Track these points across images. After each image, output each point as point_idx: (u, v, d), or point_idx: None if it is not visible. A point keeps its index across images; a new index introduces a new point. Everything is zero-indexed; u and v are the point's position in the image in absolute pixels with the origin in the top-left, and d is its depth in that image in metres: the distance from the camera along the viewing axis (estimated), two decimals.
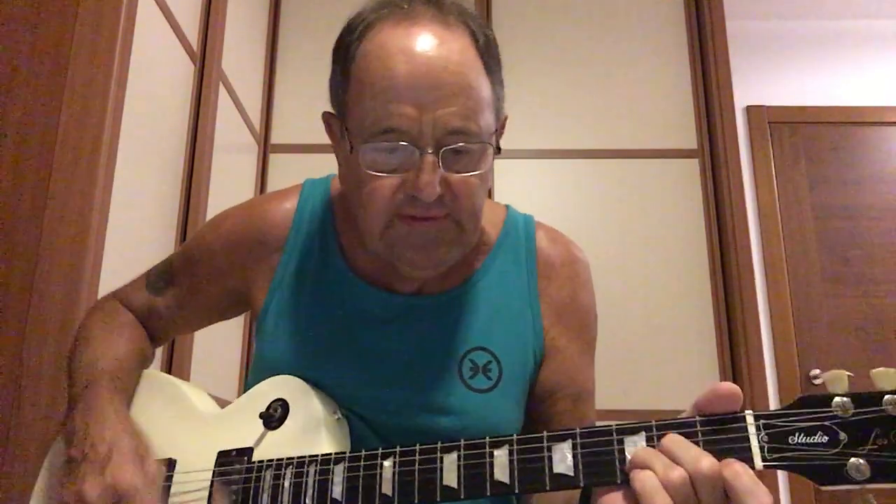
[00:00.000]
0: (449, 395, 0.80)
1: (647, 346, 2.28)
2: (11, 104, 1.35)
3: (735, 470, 0.52)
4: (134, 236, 1.52)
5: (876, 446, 0.51)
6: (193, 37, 1.87)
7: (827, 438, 0.53)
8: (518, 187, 2.42)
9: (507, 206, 0.94)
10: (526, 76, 2.55)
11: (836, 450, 0.52)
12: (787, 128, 3.00)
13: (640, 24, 2.60)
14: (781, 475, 2.46)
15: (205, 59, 1.91)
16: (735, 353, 2.26)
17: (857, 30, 3.11)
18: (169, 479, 0.79)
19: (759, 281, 2.62)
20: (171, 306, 0.94)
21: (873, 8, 3.06)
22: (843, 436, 0.53)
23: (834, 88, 3.04)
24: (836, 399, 0.53)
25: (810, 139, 2.99)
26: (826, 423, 0.53)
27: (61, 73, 1.36)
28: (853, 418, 0.52)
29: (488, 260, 0.88)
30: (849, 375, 0.53)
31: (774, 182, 2.93)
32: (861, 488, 0.52)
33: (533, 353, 0.85)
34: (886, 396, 0.52)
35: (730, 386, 0.56)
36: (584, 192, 2.44)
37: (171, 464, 0.80)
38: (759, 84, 3.02)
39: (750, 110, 3.00)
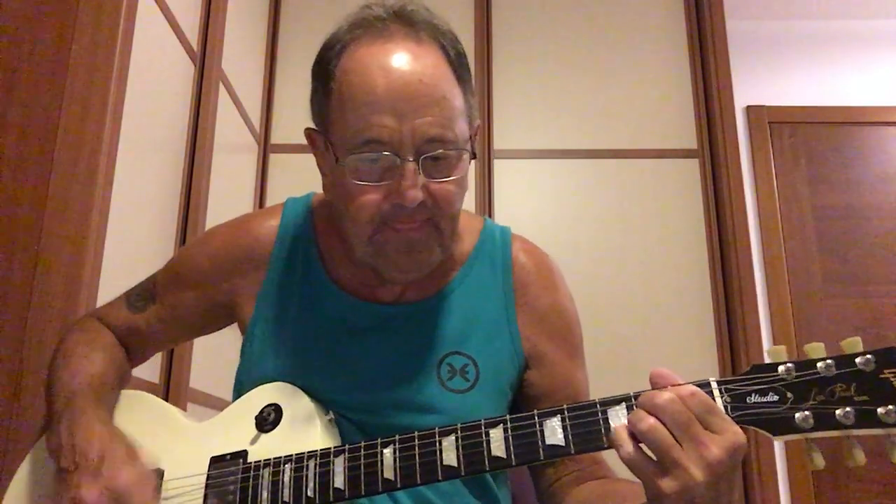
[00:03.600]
0: (428, 396, 0.84)
1: (647, 345, 2.27)
2: (11, 104, 1.35)
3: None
4: (134, 236, 1.52)
5: (816, 401, 0.64)
6: (193, 37, 1.86)
7: (777, 397, 0.65)
8: (518, 187, 2.41)
9: (484, 218, 0.99)
10: (526, 76, 2.55)
11: (786, 406, 0.64)
12: (787, 128, 2.99)
13: (640, 24, 2.59)
14: (781, 477, 2.46)
15: (205, 59, 1.91)
16: (735, 353, 2.26)
17: (857, 30, 3.10)
18: (158, 487, 0.78)
19: (759, 281, 2.62)
20: (152, 323, 0.95)
21: (873, 8, 3.06)
22: (789, 395, 0.65)
23: (834, 88, 3.04)
24: (781, 366, 0.66)
25: (810, 139, 2.99)
26: (775, 385, 0.65)
27: (61, 73, 1.36)
28: (796, 380, 0.65)
29: (464, 270, 0.92)
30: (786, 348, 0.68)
31: (774, 182, 2.93)
32: (807, 438, 0.64)
33: (511, 359, 0.89)
34: (819, 363, 0.66)
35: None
36: (583, 192, 2.43)
37: (158, 474, 0.80)
38: (759, 84, 3.01)
39: (750, 110, 2.99)
